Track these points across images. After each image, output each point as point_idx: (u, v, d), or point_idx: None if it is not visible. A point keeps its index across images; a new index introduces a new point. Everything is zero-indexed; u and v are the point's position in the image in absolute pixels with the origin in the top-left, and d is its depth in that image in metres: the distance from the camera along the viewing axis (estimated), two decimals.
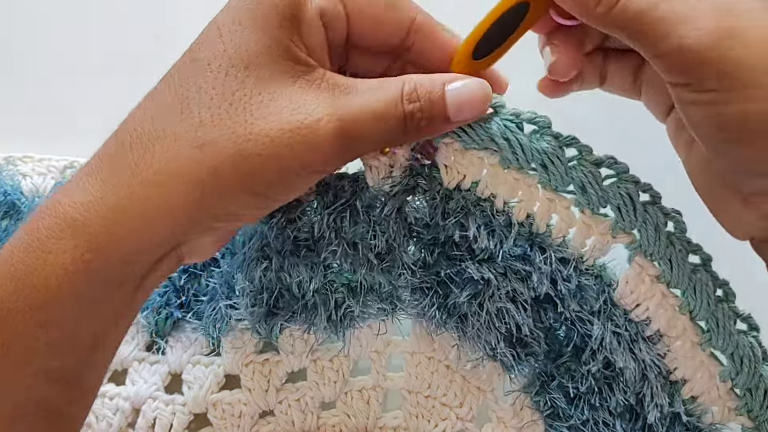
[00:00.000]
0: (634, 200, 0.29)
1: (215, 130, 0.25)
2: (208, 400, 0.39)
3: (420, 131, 0.27)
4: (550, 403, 0.33)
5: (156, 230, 0.25)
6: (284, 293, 0.33)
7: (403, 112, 0.27)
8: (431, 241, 0.32)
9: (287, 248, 0.32)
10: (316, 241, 0.31)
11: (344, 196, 0.31)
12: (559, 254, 0.30)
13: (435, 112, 0.27)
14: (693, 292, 0.31)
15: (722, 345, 0.31)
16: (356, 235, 0.31)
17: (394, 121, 0.27)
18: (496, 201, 0.30)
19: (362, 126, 0.26)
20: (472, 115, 0.28)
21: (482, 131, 0.29)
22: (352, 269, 0.32)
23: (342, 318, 0.33)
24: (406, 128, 0.27)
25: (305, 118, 0.25)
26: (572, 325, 0.31)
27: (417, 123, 0.27)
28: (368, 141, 0.27)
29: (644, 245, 0.30)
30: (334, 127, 0.25)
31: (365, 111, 0.26)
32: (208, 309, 0.38)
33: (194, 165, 0.25)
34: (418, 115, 0.27)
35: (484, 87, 0.28)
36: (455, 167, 0.30)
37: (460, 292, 0.31)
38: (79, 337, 0.26)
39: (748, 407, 0.32)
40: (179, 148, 0.25)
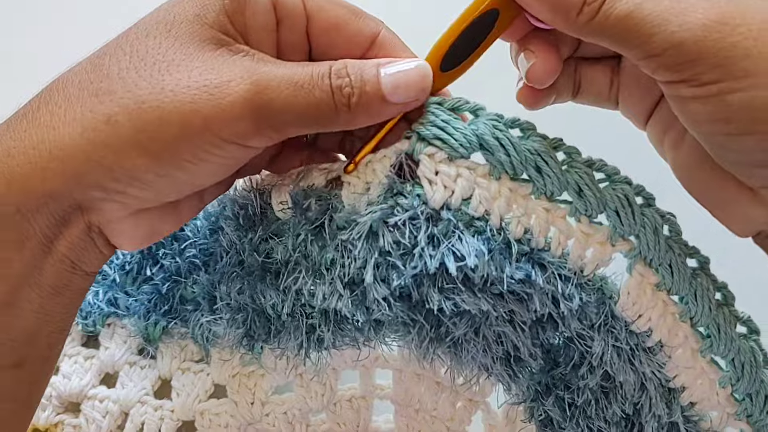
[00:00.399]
0: (631, 202, 0.28)
1: (118, 82, 0.24)
2: (195, 408, 0.38)
3: (353, 109, 0.26)
4: (544, 411, 0.32)
5: (46, 178, 0.24)
6: (258, 316, 0.31)
7: (329, 86, 0.25)
8: (419, 273, 0.27)
9: (256, 270, 0.30)
10: (283, 265, 0.29)
11: (313, 216, 0.28)
12: (559, 270, 0.28)
13: (368, 88, 0.26)
14: (694, 298, 0.30)
15: (723, 351, 0.30)
16: (325, 262, 0.28)
17: (319, 93, 0.25)
18: (492, 218, 0.27)
19: (280, 93, 0.24)
20: (409, 95, 0.26)
21: (469, 133, 0.27)
22: (320, 299, 0.28)
23: (316, 344, 0.30)
24: (335, 104, 0.25)
25: (216, 78, 0.24)
26: (571, 342, 0.30)
27: (348, 98, 0.25)
28: (289, 112, 0.25)
29: (644, 251, 0.28)
30: (245, 89, 0.24)
31: (285, 79, 0.25)
32: (193, 319, 0.36)
33: (89, 112, 0.24)
34: (347, 90, 0.25)
35: (422, 65, 0.27)
36: (442, 182, 0.27)
37: (455, 326, 0.28)
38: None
39: (748, 412, 0.31)
40: (79, 96, 0.24)
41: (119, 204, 0.26)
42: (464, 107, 0.28)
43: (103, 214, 0.26)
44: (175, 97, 0.24)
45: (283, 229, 0.29)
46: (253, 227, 0.30)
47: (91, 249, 0.27)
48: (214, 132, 0.24)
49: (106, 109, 0.24)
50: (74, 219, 0.26)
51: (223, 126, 0.24)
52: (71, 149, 0.24)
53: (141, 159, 0.24)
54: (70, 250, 0.26)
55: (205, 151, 0.25)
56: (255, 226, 0.30)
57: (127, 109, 0.24)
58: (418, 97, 0.27)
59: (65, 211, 0.25)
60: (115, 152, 0.24)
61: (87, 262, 0.27)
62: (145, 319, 0.38)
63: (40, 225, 0.25)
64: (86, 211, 0.26)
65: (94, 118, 0.24)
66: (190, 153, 0.25)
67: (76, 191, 0.25)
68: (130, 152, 0.24)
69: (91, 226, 0.26)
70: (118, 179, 0.25)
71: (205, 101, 0.24)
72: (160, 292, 0.37)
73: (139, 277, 0.38)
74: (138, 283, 0.38)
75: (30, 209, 0.24)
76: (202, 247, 0.36)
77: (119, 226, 0.27)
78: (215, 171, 0.26)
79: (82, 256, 0.27)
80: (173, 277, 0.37)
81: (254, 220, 0.30)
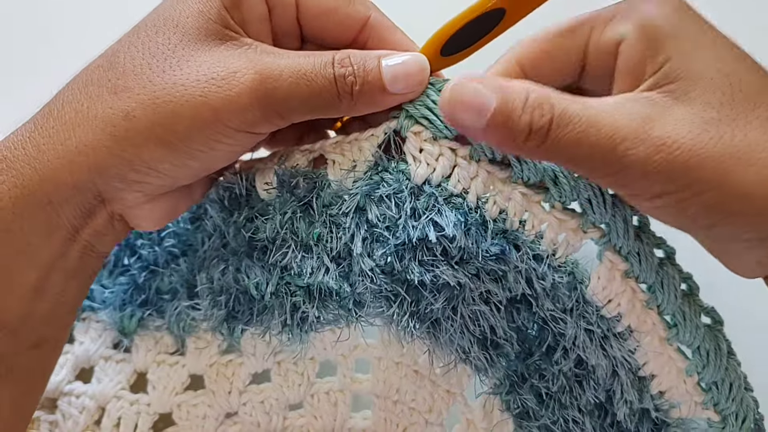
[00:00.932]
0: (603, 192, 0.29)
1: (134, 79, 0.26)
2: (172, 400, 0.38)
3: (355, 98, 0.27)
4: (520, 403, 0.33)
5: (73, 171, 0.26)
6: (242, 296, 0.31)
7: (333, 74, 0.27)
8: (401, 246, 0.29)
9: (242, 249, 0.30)
10: (270, 242, 0.30)
11: (301, 193, 0.29)
12: (532, 251, 0.29)
13: (370, 78, 0.27)
14: (660, 287, 0.31)
15: (688, 339, 0.31)
16: (312, 237, 0.29)
17: (322, 81, 0.26)
18: (469, 196, 0.29)
19: (285, 82, 0.26)
20: (408, 84, 0.28)
21: None
22: (308, 273, 0.30)
23: (299, 323, 0.31)
24: (338, 92, 0.27)
25: (222, 71, 0.26)
26: (545, 324, 0.31)
27: (350, 87, 0.27)
28: (294, 99, 0.26)
29: (614, 239, 0.30)
30: (251, 78, 0.26)
31: (289, 68, 0.26)
32: (170, 308, 0.37)
33: (108, 109, 0.26)
34: (350, 78, 0.27)
35: (420, 58, 0.28)
36: (425, 159, 0.29)
37: (435, 299, 0.29)
38: (16, 283, 0.27)
39: (714, 401, 0.32)
40: (99, 94, 0.26)
41: (138, 193, 0.28)
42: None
43: (124, 203, 0.28)
44: (186, 91, 0.25)
45: (268, 209, 0.30)
46: (239, 208, 0.31)
47: (111, 234, 0.29)
48: (223, 122, 0.26)
49: (124, 105, 0.26)
50: (98, 210, 0.28)
51: (232, 116, 0.26)
52: (94, 144, 0.26)
53: (158, 150, 0.26)
54: (93, 237, 0.28)
55: (216, 141, 0.26)
56: (240, 207, 0.31)
57: (143, 104, 0.25)
58: (416, 89, 0.28)
59: (90, 203, 0.27)
60: (133, 145, 0.26)
61: (105, 244, 0.29)
62: (121, 310, 0.38)
63: (68, 215, 0.27)
64: (109, 202, 0.28)
65: (114, 114, 0.26)
66: (202, 143, 0.26)
67: (99, 182, 0.26)
68: (148, 144, 0.26)
69: (113, 215, 0.28)
70: (137, 170, 0.26)
71: (214, 93, 0.25)
72: (136, 283, 0.38)
73: (116, 270, 0.38)
74: (115, 275, 0.38)
75: (59, 201, 0.26)
76: (181, 236, 0.36)
77: (139, 212, 0.29)
78: (226, 157, 0.28)
79: (102, 241, 0.29)
80: (150, 267, 0.37)
81: (239, 202, 0.31)
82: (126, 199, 0.28)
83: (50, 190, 0.26)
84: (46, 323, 0.28)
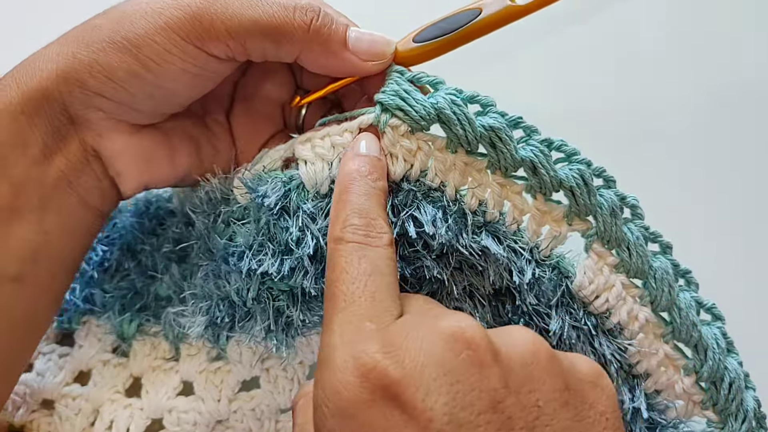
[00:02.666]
0: (587, 182, 0.28)
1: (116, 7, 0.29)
2: (164, 406, 0.38)
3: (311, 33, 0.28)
4: None
5: (42, 78, 0.28)
6: (223, 302, 0.31)
7: (293, 7, 0.28)
8: None
9: (220, 254, 0.30)
10: (248, 248, 0.29)
11: (274, 199, 0.29)
12: (514, 244, 0.29)
13: (333, 25, 0.28)
14: (654, 282, 0.30)
15: (685, 337, 0.30)
16: (290, 241, 0.29)
17: (278, 7, 0.28)
18: (447, 189, 0.29)
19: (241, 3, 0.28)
20: (370, 51, 0.29)
21: (428, 105, 0.28)
22: (289, 275, 0.29)
23: (284, 328, 0.31)
24: (294, 20, 0.28)
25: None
26: (530, 320, 0.30)
27: (310, 20, 0.28)
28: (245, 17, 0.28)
29: (600, 232, 0.29)
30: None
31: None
32: (164, 314, 0.37)
33: (83, 25, 0.29)
34: (311, 13, 0.28)
35: (388, 37, 0.30)
36: (401, 155, 0.28)
37: (418, 293, 0.29)
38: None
39: (714, 400, 0.31)
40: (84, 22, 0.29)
41: (100, 112, 0.29)
42: (424, 79, 0.29)
43: (90, 125, 0.29)
44: (148, 7, 0.28)
45: (246, 214, 0.30)
46: (215, 212, 0.31)
47: (88, 172, 0.30)
48: (173, 29, 0.27)
49: (97, 21, 0.29)
50: (69, 134, 0.29)
51: (181, 24, 0.27)
52: (64, 51, 0.28)
53: (114, 55, 0.28)
54: (68, 167, 0.29)
55: (166, 51, 0.28)
56: (216, 211, 0.31)
57: (110, 18, 0.29)
58: (377, 60, 0.29)
59: (59, 120, 0.29)
60: (94, 51, 0.28)
61: (86, 189, 0.30)
62: (120, 315, 0.38)
63: (40, 131, 0.28)
64: (77, 125, 0.29)
65: (86, 27, 0.29)
66: (152, 51, 0.28)
67: (63, 90, 0.28)
68: (106, 50, 0.28)
69: (86, 146, 0.30)
70: (95, 77, 0.28)
71: (169, 7, 0.28)
72: (135, 288, 0.38)
73: (117, 274, 0.38)
74: (116, 280, 0.38)
75: (31, 111, 0.28)
76: (179, 241, 0.36)
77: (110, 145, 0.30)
78: (180, 77, 0.29)
79: (79, 179, 0.30)
80: (149, 272, 0.37)
81: (216, 205, 0.31)
82: (90, 121, 0.29)
83: (23, 101, 0.28)
84: (28, 259, 0.29)
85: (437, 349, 0.21)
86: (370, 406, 0.21)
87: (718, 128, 0.46)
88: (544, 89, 0.46)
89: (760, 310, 0.39)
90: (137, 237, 0.37)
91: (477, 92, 0.28)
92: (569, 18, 0.48)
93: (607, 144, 0.36)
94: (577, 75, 0.47)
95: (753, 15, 0.48)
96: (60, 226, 0.30)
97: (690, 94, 0.46)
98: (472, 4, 0.30)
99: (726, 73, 0.47)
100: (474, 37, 0.29)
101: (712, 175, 0.44)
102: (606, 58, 0.48)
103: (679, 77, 0.47)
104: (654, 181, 0.34)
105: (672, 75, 0.47)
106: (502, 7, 0.29)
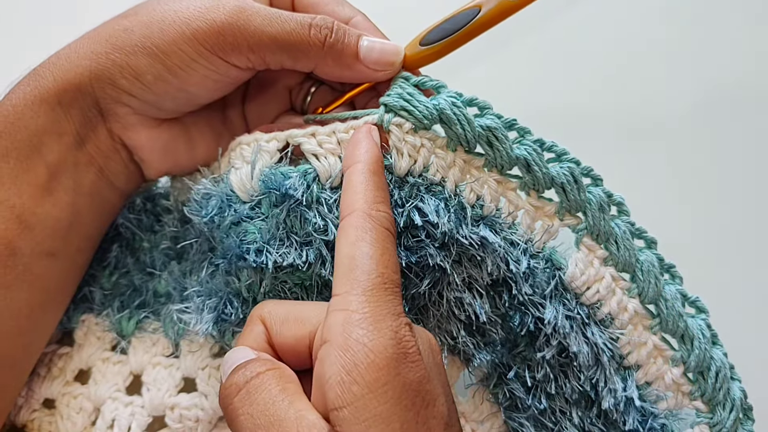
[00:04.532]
0: (577, 179, 0.30)
1: (142, 7, 0.31)
2: (165, 403, 0.38)
3: (326, 49, 0.30)
4: (508, 394, 0.33)
5: (78, 74, 0.30)
6: (233, 298, 0.32)
7: (309, 23, 0.30)
8: None
9: (233, 252, 0.31)
10: (266, 242, 0.31)
11: (292, 194, 0.30)
12: (510, 237, 0.30)
13: (346, 39, 0.30)
14: (641, 274, 0.31)
15: (672, 328, 0.32)
16: (308, 233, 0.30)
17: (295, 25, 0.30)
18: (447, 184, 0.30)
19: (260, 16, 0.30)
20: (381, 61, 0.31)
21: (430, 106, 0.30)
22: (305, 267, 0.31)
23: None
24: (309, 36, 0.30)
25: (211, 3, 0.30)
26: (526, 310, 0.31)
27: (324, 37, 0.30)
28: (265, 34, 0.30)
29: (590, 227, 0.31)
30: (231, 7, 0.30)
31: (268, 9, 0.30)
32: (164, 311, 0.37)
33: (115, 26, 0.31)
34: (325, 31, 0.30)
35: (398, 45, 0.31)
36: (406, 150, 0.30)
37: (421, 282, 0.31)
38: (30, 176, 0.30)
39: (702, 391, 0.32)
40: (111, 20, 0.32)
41: (128, 107, 0.31)
42: (428, 83, 0.31)
43: (117, 118, 0.32)
44: (176, 15, 0.30)
45: (256, 211, 0.31)
46: (221, 213, 0.32)
47: (115, 158, 0.33)
48: (199, 40, 0.30)
49: (127, 23, 0.31)
50: (98, 124, 0.32)
51: (207, 37, 0.30)
52: (98, 51, 0.30)
53: (143, 59, 0.30)
54: (98, 153, 0.32)
55: (192, 59, 0.30)
56: (223, 211, 0.32)
57: (141, 23, 0.30)
58: (387, 69, 0.31)
59: (91, 111, 0.31)
60: (126, 53, 0.30)
61: (113, 173, 0.33)
62: (119, 312, 0.38)
63: (74, 120, 0.31)
64: (105, 116, 0.31)
65: (117, 28, 0.31)
66: (179, 58, 0.30)
67: (96, 86, 0.30)
68: (137, 53, 0.30)
69: (113, 134, 0.32)
70: (126, 77, 0.30)
71: (196, 17, 0.30)
72: (134, 285, 0.38)
73: (116, 272, 0.39)
74: (114, 277, 0.39)
75: (67, 102, 0.30)
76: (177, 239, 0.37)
77: (135, 136, 0.32)
78: (203, 83, 0.31)
79: (108, 163, 0.32)
80: (147, 269, 0.38)
81: (221, 207, 0.32)
82: (118, 114, 0.31)
83: (60, 92, 0.30)
84: (60, 237, 0.31)
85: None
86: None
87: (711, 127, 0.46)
88: (535, 87, 0.47)
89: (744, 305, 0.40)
90: (135, 234, 0.38)
91: (475, 96, 0.30)
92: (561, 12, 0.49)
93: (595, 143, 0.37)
94: (568, 72, 0.48)
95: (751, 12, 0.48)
96: (89, 205, 0.32)
97: (681, 92, 0.47)
98: (471, 2, 0.31)
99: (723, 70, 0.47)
100: (476, 34, 0.31)
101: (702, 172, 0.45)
102: (598, 54, 0.48)
103: (671, 75, 0.47)
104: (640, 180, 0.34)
105: (663, 73, 0.47)
106: (498, 1, 0.30)
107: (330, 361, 0.23)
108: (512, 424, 0.33)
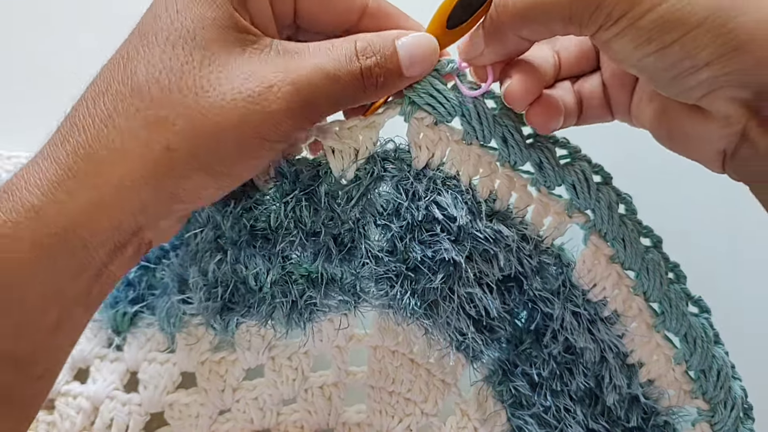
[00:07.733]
0: (588, 178, 0.30)
1: (166, 107, 0.25)
2: (164, 400, 0.38)
3: (378, 88, 0.28)
4: (513, 391, 0.33)
5: (112, 213, 0.25)
6: (240, 286, 0.32)
7: (359, 69, 0.27)
8: (404, 227, 0.30)
9: (243, 239, 0.31)
10: (274, 230, 0.30)
11: (305, 184, 0.30)
12: (520, 232, 0.31)
13: (390, 66, 0.28)
14: (646, 273, 0.32)
15: (675, 326, 0.32)
16: (316, 225, 0.30)
17: (349, 78, 0.27)
18: (462, 178, 0.30)
19: (316, 88, 0.26)
20: (422, 69, 0.29)
21: (453, 99, 0.30)
22: (311, 259, 0.30)
23: (302, 310, 0.31)
24: (364, 85, 0.27)
25: (257, 86, 0.25)
26: (535, 305, 0.32)
27: (375, 79, 0.27)
28: (325, 103, 0.27)
29: (598, 224, 0.31)
30: (287, 92, 0.25)
31: (318, 72, 0.26)
32: (160, 304, 0.37)
33: (146, 145, 0.25)
34: (376, 70, 0.27)
35: (431, 39, 0.29)
36: (425, 144, 0.30)
37: (434, 276, 0.30)
38: (39, 322, 0.25)
39: (703, 389, 0.32)
40: (130, 127, 0.25)
41: (173, 219, 0.28)
42: (446, 68, 0.30)
43: (157, 230, 0.27)
44: (225, 116, 0.25)
45: (265, 199, 0.31)
46: (234, 198, 0.31)
47: (134, 262, 0.28)
48: (264, 137, 0.26)
49: (162, 138, 0.25)
50: (130, 242, 0.27)
51: (272, 131, 0.26)
52: (136, 183, 0.25)
53: (202, 179, 0.26)
54: (119, 268, 0.27)
55: (259, 157, 0.27)
56: (236, 197, 0.31)
57: (182, 134, 0.25)
58: (428, 71, 0.29)
59: (126, 238, 0.26)
60: (177, 177, 0.25)
61: (124, 271, 0.28)
62: (113, 308, 0.38)
63: (101, 255, 0.26)
64: (143, 232, 0.27)
65: (153, 150, 0.25)
66: (244, 162, 0.26)
67: (141, 219, 0.26)
68: (191, 175, 0.25)
69: (142, 242, 0.27)
70: (182, 200, 0.26)
71: (252, 112, 0.25)
72: (128, 280, 0.38)
73: None
74: None
75: (95, 244, 0.25)
76: None
77: (168, 233, 0.29)
78: (253, 171, 0.29)
79: (126, 270, 0.28)
80: (142, 263, 0.37)
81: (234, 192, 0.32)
82: (159, 227, 0.27)
83: (86, 236, 0.25)
84: (55, 356, 0.27)
85: None
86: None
87: None
88: None
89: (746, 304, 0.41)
90: None
91: (491, 89, 0.30)
92: None
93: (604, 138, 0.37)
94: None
95: None
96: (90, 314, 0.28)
97: None
98: None
99: None
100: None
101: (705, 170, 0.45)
102: None
103: None
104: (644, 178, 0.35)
105: None
106: None
107: None
108: (516, 422, 0.33)
